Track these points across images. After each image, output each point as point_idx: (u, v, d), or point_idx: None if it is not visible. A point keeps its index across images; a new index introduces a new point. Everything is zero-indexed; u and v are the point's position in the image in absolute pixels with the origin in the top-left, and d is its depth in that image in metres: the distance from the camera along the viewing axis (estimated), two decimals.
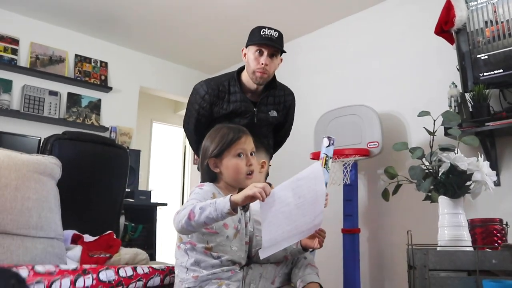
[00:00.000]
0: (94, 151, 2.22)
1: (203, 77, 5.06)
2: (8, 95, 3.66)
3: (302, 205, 1.29)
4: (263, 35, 2.11)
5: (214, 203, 1.22)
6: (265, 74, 2.13)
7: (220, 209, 1.20)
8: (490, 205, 2.53)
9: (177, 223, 1.27)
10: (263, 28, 2.13)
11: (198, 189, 1.43)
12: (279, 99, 2.30)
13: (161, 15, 3.82)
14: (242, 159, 1.45)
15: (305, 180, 1.29)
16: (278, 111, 2.29)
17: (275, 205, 1.24)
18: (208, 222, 1.23)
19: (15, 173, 1.52)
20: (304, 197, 1.29)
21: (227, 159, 1.45)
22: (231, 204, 1.19)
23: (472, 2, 2.60)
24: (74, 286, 1.28)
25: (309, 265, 1.51)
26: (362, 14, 3.66)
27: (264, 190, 1.18)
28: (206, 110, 2.19)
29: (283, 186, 1.27)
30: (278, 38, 2.14)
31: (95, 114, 4.16)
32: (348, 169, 3.06)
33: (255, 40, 2.12)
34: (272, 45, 2.10)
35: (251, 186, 1.19)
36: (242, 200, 1.19)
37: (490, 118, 2.47)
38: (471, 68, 2.58)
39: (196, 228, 1.28)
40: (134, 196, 3.83)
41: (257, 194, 1.17)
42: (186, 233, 1.36)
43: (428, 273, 1.43)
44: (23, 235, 1.47)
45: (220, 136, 1.48)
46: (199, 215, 1.22)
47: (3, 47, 3.68)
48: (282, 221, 1.27)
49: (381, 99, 3.33)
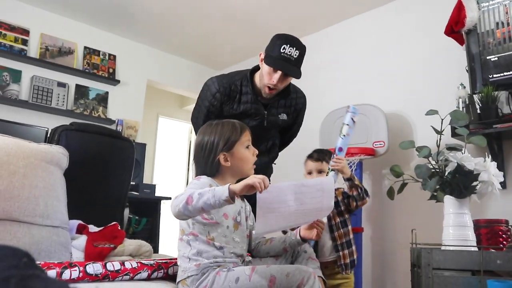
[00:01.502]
0: (100, 142, 2.23)
1: (211, 72, 5.11)
2: (17, 85, 3.68)
3: (303, 212, 1.29)
4: (282, 53, 1.98)
5: (213, 190, 1.24)
6: (274, 91, 2.09)
7: (218, 196, 1.21)
8: (496, 207, 2.52)
9: (174, 207, 1.29)
10: (284, 44, 1.99)
11: (195, 181, 1.46)
12: (290, 102, 2.25)
13: (170, 9, 3.83)
14: (250, 150, 1.52)
15: (309, 189, 1.29)
16: (288, 114, 2.25)
17: (273, 203, 1.23)
18: (205, 208, 1.25)
19: (23, 161, 1.53)
20: (306, 206, 1.29)
21: (238, 151, 1.50)
22: (230, 192, 1.20)
23: (484, 3, 2.58)
24: (60, 278, 1.29)
25: (310, 259, 1.51)
26: (371, 13, 3.65)
27: (263, 182, 1.19)
28: (216, 108, 2.16)
29: (285, 185, 1.27)
30: (297, 59, 2.01)
31: (102, 106, 4.18)
32: (353, 168, 3.05)
33: (273, 57, 2.00)
34: (287, 72, 2.01)
35: (251, 177, 1.22)
36: (240, 189, 1.21)
37: (498, 120, 2.45)
38: (481, 70, 2.57)
39: (193, 213, 1.29)
40: (138, 189, 3.84)
41: (256, 184, 1.18)
42: (182, 218, 1.37)
43: (432, 272, 1.42)
44: (30, 223, 1.48)
45: (228, 130, 1.51)
46: (197, 200, 1.23)
47: (13, 37, 3.70)
48: (280, 220, 1.27)
49: (388, 99, 3.31)
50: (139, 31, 4.33)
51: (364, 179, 3.24)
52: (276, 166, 2.46)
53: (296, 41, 2.05)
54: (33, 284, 0.36)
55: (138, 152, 3.65)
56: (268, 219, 1.24)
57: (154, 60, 4.73)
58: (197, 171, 1.56)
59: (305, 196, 1.27)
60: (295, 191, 1.26)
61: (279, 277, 1.29)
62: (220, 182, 1.49)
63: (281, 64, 1.99)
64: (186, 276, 1.40)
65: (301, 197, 1.27)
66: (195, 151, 1.57)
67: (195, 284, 1.37)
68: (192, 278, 1.39)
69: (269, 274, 1.30)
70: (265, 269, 1.33)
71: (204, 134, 1.54)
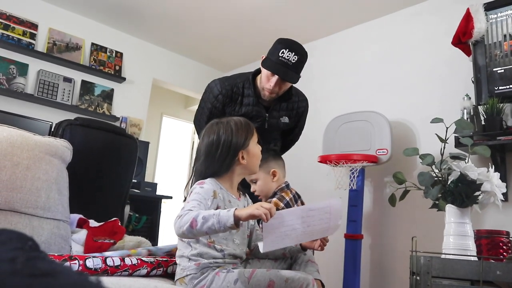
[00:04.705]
0: (104, 138, 2.24)
1: (216, 74, 5.12)
2: (24, 78, 3.70)
3: (310, 232, 1.29)
4: (280, 57, 1.99)
5: (218, 215, 1.20)
6: (273, 94, 2.10)
7: (223, 222, 1.19)
8: (497, 219, 2.51)
9: (178, 228, 1.27)
10: (283, 49, 2.00)
11: (198, 188, 1.42)
12: (292, 105, 2.27)
13: (179, 9, 3.84)
14: (259, 146, 1.55)
15: (318, 212, 1.28)
16: (290, 117, 2.26)
17: (280, 228, 1.22)
18: (209, 233, 1.24)
19: (27, 152, 1.54)
20: (313, 227, 1.28)
21: (252, 148, 1.51)
22: (235, 219, 1.18)
23: (492, 15, 2.59)
24: None
25: (310, 262, 1.51)
26: (379, 21, 3.66)
27: (270, 212, 1.17)
28: (218, 110, 2.18)
29: (292, 212, 1.26)
30: (295, 64, 2.01)
31: (107, 103, 4.19)
32: (355, 174, 3.05)
33: (272, 60, 2.02)
34: (281, 76, 2.02)
35: (258, 206, 1.18)
36: (245, 217, 1.18)
37: (502, 132, 2.45)
38: (486, 81, 2.57)
39: (197, 236, 1.29)
40: (140, 187, 3.85)
41: (262, 216, 1.16)
42: (187, 238, 1.38)
43: (431, 280, 1.42)
44: (31, 215, 1.49)
45: (243, 127, 1.50)
46: (201, 224, 1.21)
47: (22, 31, 3.72)
48: (286, 240, 1.27)
49: (393, 107, 3.32)
50: (147, 29, 4.35)
51: (366, 186, 3.24)
52: None
53: (297, 46, 2.04)
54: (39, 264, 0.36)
55: (141, 150, 3.66)
56: (274, 240, 1.24)
57: (160, 59, 4.75)
58: (207, 171, 1.49)
59: (312, 219, 1.27)
60: (301, 216, 1.25)
61: (278, 282, 1.30)
62: (225, 183, 1.49)
63: (278, 68, 1.99)
64: (185, 274, 1.40)
65: (308, 220, 1.26)
66: (207, 150, 1.49)
67: (194, 282, 1.38)
68: (191, 277, 1.39)
69: (268, 279, 1.30)
70: (264, 273, 1.33)
71: (218, 133, 1.48)
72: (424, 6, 3.33)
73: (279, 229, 1.22)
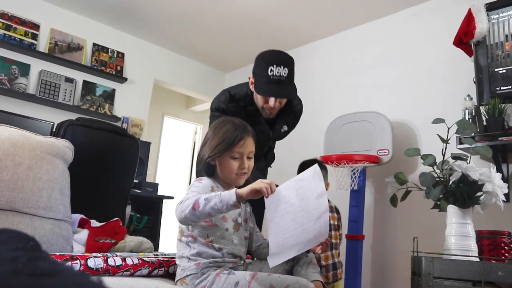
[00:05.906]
0: (106, 139, 2.24)
1: (218, 74, 5.14)
2: (25, 79, 3.70)
3: (306, 207, 1.31)
4: (271, 76, 1.85)
5: (220, 195, 1.24)
6: (274, 110, 2.02)
7: (225, 201, 1.22)
8: (498, 219, 2.50)
9: (180, 212, 1.29)
10: (271, 66, 1.85)
11: (197, 183, 1.47)
12: (289, 111, 2.22)
13: (180, 10, 3.84)
14: (237, 161, 1.48)
15: (307, 182, 1.33)
16: (288, 124, 2.23)
17: (280, 205, 1.27)
18: (212, 213, 1.26)
19: (29, 152, 1.54)
20: (307, 199, 1.32)
21: (223, 158, 1.48)
22: (237, 197, 1.22)
23: (494, 15, 2.58)
24: None
25: (311, 263, 1.51)
26: (380, 22, 3.65)
27: (270, 187, 1.22)
28: None
29: (287, 185, 1.31)
30: (288, 77, 1.88)
31: (108, 103, 4.19)
32: (357, 175, 3.05)
33: (263, 82, 1.88)
34: (282, 96, 1.92)
35: (258, 181, 1.23)
36: (247, 193, 1.22)
37: (504, 132, 2.44)
38: (488, 81, 2.56)
39: (200, 218, 1.30)
40: (141, 187, 3.85)
41: (263, 189, 1.21)
42: (188, 224, 1.38)
43: (432, 280, 1.42)
44: (32, 214, 1.49)
45: (223, 133, 1.48)
46: (203, 205, 1.24)
47: (23, 31, 3.73)
48: (289, 223, 1.29)
49: (394, 107, 3.31)
50: (148, 30, 4.35)
51: (367, 186, 3.24)
52: (280, 172, 2.46)
53: (282, 57, 1.92)
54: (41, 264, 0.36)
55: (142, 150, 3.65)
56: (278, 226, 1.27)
57: (162, 60, 4.75)
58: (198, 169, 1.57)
59: (304, 190, 1.31)
60: (295, 188, 1.31)
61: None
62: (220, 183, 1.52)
63: (272, 88, 1.89)
64: (185, 274, 1.40)
65: (302, 192, 1.31)
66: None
67: (194, 282, 1.38)
68: (191, 277, 1.39)
69: (269, 284, 1.31)
70: (265, 278, 1.33)
71: (211, 128, 1.56)
72: (424, 7, 3.33)
73: (280, 207, 1.27)
